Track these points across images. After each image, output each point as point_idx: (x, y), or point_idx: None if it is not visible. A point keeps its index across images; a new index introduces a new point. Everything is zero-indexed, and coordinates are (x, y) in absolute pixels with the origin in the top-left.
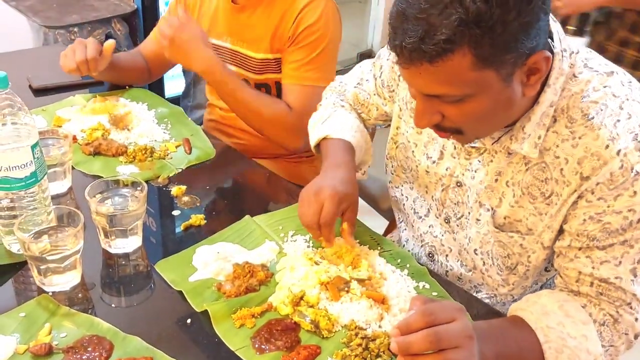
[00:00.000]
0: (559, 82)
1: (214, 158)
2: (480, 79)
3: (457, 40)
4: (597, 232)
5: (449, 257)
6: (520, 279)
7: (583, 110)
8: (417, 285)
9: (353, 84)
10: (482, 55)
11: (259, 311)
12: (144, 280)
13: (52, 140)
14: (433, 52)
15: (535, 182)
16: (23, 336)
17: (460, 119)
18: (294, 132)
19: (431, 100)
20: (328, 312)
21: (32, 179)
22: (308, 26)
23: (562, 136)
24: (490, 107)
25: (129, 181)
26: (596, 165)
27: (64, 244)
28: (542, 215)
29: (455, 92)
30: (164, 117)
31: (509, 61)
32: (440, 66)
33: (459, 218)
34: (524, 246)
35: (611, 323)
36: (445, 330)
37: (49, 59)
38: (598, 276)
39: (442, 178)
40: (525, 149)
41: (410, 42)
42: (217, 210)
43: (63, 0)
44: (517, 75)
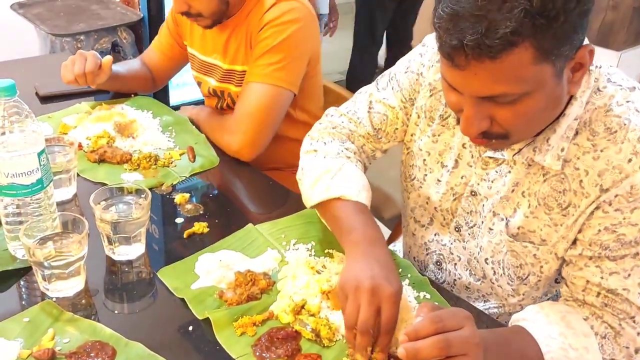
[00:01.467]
0: (585, 95)
1: (217, 166)
2: (538, 74)
3: (523, 31)
4: (610, 242)
5: (457, 265)
6: (531, 289)
7: (606, 124)
8: (418, 295)
9: (365, 109)
10: (543, 47)
11: (260, 319)
12: (146, 287)
13: (58, 148)
14: (498, 46)
15: (553, 193)
16: (27, 341)
17: (511, 121)
18: (243, 150)
19: (483, 104)
20: (329, 321)
21: (38, 186)
22: (269, 21)
23: (583, 148)
24: (543, 106)
25: (134, 189)
26: (617, 178)
27: (69, 250)
28: (557, 227)
29: (514, 90)
30: (169, 125)
31: (564, 54)
32: (502, 62)
33: (471, 227)
34: (538, 256)
35: (612, 336)
36: (454, 337)
37: (56, 67)
38: (606, 286)
39: (455, 187)
40: (548, 161)
41: (472, 39)
42: (220, 218)
43: (70, 9)
44: (566, 72)
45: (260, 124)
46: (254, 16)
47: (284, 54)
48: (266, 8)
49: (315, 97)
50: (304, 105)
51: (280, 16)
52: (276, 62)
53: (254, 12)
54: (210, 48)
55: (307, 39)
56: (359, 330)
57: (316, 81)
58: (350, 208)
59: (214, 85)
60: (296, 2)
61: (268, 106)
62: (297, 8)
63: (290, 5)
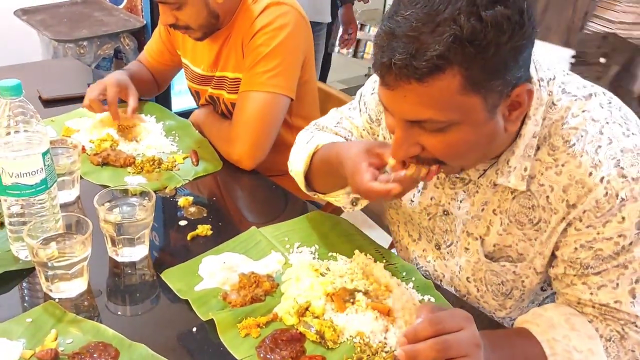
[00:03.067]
0: (539, 112)
1: (220, 170)
2: (466, 105)
3: (450, 57)
4: (589, 260)
5: (443, 282)
6: (516, 302)
7: (564, 137)
8: (423, 299)
9: (332, 124)
10: (472, 77)
11: (264, 321)
12: (150, 288)
13: (62, 150)
14: (424, 68)
15: (523, 210)
16: (29, 341)
17: (440, 151)
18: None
19: (412, 129)
20: (333, 323)
21: (42, 186)
22: (260, 28)
23: (545, 164)
24: (473, 139)
25: (138, 191)
26: (581, 193)
27: (72, 251)
28: (531, 241)
29: (440, 117)
30: (172, 129)
31: (496, 89)
32: (429, 86)
33: (449, 246)
34: (517, 273)
35: (618, 339)
36: (454, 338)
37: (59, 72)
38: (597, 301)
39: (428, 207)
40: (513, 182)
41: (400, 59)
42: (224, 221)
43: (73, 16)
44: (501, 109)
45: (258, 133)
46: (244, 23)
47: (279, 60)
48: (256, 14)
49: (311, 101)
50: (300, 111)
51: (272, 22)
52: (271, 69)
53: (243, 18)
54: (199, 59)
55: (300, 42)
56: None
57: (310, 86)
58: (330, 145)
59: (209, 92)
60: (286, 6)
61: (266, 114)
62: (288, 12)
63: (280, 10)
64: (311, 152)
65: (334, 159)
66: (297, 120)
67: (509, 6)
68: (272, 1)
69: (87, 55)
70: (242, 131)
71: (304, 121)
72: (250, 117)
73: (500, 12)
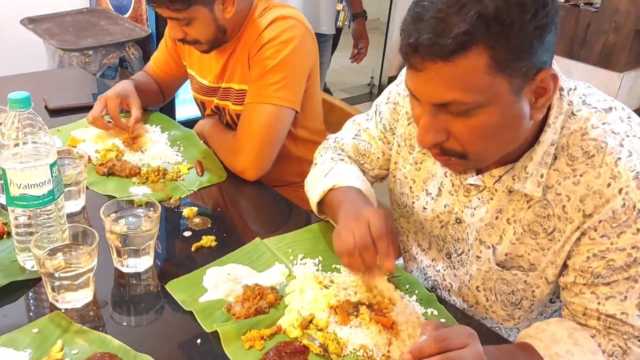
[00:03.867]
0: (558, 120)
1: (225, 181)
2: (492, 85)
3: (476, 34)
4: (601, 269)
5: (451, 292)
6: (525, 312)
7: (583, 148)
8: (426, 312)
9: (350, 136)
10: (497, 56)
11: (268, 333)
12: (154, 299)
13: (68, 160)
14: (450, 46)
15: (538, 219)
16: (35, 352)
17: (466, 137)
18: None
19: (438, 115)
20: (337, 336)
21: (50, 197)
22: (266, 42)
23: (563, 174)
24: (499, 123)
25: (143, 201)
26: (598, 204)
27: (78, 262)
28: (544, 251)
29: (466, 98)
30: (177, 139)
31: (521, 70)
32: (455, 65)
33: (460, 254)
34: (528, 282)
35: (620, 354)
36: (458, 355)
37: (64, 81)
38: (604, 312)
39: (441, 215)
40: (529, 188)
41: (427, 38)
42: (228, 232)
43: (79, 25)
44: (527, 93)
45: (262, 145)
46: (251, 35)
47: (285, 73)
48: (263, 27)
49: (315, 113)
50: (304, 122)
51: (279, 35)
52: (277, 82)
53: (250, 31)
54: (206, 70)
55: (305, 55)
56: (360, 248)
57: (315, 98)
58: (343, 191)
59: (215, 103)
60: (292, 20)
61: (270, 126)
62: (294, 26)
63: (287, 24)
64: (327, 190)
65: (336, 208)
66: (301, 132)
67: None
68: (279, 15)
69: (93, 64)
70: (246, 142)
71: (308, 132)
72: (255, 129)
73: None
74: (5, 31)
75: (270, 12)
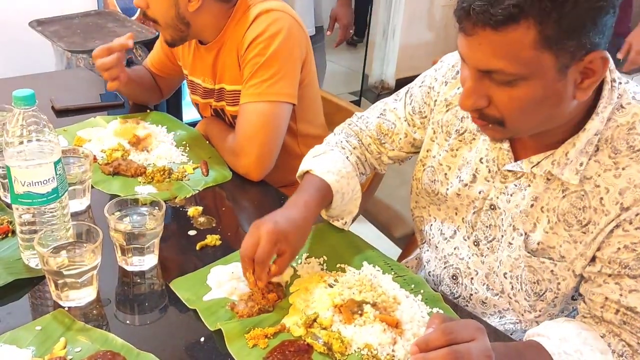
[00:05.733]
0: (606, 110)
1: (230, 180)
2: (538, 60)
3: (526, 8)
4: (630, 261)
5: (474, 280)
6: (547, 305)
7: (629, 142)
8: (431, 311)
9: (376, 114)
10: (546, 33)
11: (272, 332)
12: (158, 298)
13: (73, 159)
14: (500, 16)
15: (573, 210)
16: (38, 349)
17: (506, 106)
18: (250, 172)
19: (482, 81)
20: (341, 335)
21: (54, 195)
22: (252, 40)
23: (604, 166)
24: (540, 97)
25: (148, 200)
26: (638, 197)
27: (82, 260)
28: (576, 243)
29: (511, 69)
30: (183, 139)
31: (569, 49)
32: (503, 35)
33: (490, 241)
34: (555, 272)
35: (630, 354)
36: (465, 349)
37: (71, 82)
38: (625, 304)
39: (475, 201)
40: (566, 175)
41: (479, 5)
42: (233, 231)
43: (87, 27)
44: (573, 72)
45: (263, 144)
46: (236, 34)
47: (276, 67)
48: (248, 24)
49: (314, 105)
50: (304, 116)
51: (264, 31)
52: (269, 77)
53: (234, 30)
54: (199, 70)
55: (295, 46)
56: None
57: (311, 89)
58: (309, 181)
59: (214, 105)
60: (277, 12)
61: (268, 124)
62: (279, 18)
63: (271, 17)
64: (304, 171)
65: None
66: (303, 126)
67: None
68: (262, 9)
69: None
70: (246, 144)
71: (310, 126)
72: (253, 130)
73: None
74: (14, 33)
75: (254, 9)
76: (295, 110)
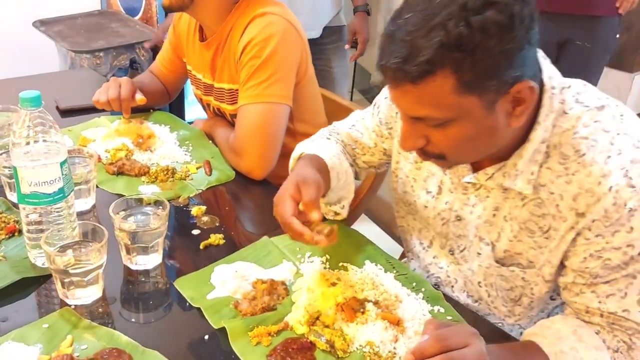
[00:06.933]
0: (549, 119)
1: (233, 180)
2: (462, 103)
3: (438, 62)
4: (598, 269)
5: (455, 288)
6: (525, 309)
7: (575, 147)
8: (432, 309)
9: (347, 126)
10: (464, 79)
11: (275, 330)
12: (163, 296)
13: (78, 159)
14: (415, 72)
15: (533, 218)
16: (46, 347)
17: (444, 144)
18: (252, 171)
19: (416, 124)
20: (343, 333)
21: (60, 195)
22: (247, 43)
23: (556, 172)
24: (473, 134)
25: (152, 200)
26: (590, 202)
27: (88, 259)
28: (542, 249)
29: (438, 115)
30: (186, 139)
31: (491, 88)
32: (423, 88)
33: (462, 251)
34: (526, 279)
35: (625, 350)
36: (460, 355)
37: (76, 82)
38: (606, 310)
39: (442, 212)
40: (519, 185)
41: (394, 62)
42: (236, 231)
43: (90, 27)
44: (501, 104)
45: (263, 144)
46: (234, 36)
47: (272, 70)
48: (243, 27)
49: (314, 107)
50: (302, 116)
51: (258, 34)
52: (265, 80)
53: (233, 30)
54: (199, 65)
55: (290, 49)
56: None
57: (308, 89)
58: (304, 158)
59: (214, 104)
60: (271, 16)
61: (268, 125)
62: (274, 21)
63: (265, 21)
64: (297, 157)
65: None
66: (301, 126)
67: (500, 10)
68: (258, 13)
69: (103, 65)
70: (247, 144)
71: (309, 126)
72: (253, 130)
73: (489, 17)
74: (18, 34)
75: (250, 10)
76: (293, 112)
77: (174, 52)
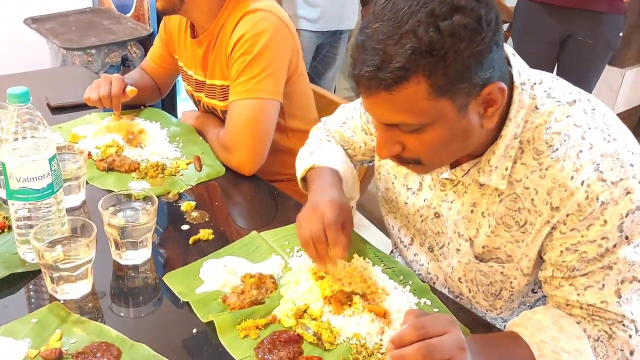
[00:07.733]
0: (519, 115)
1: (223, 176)
2: (436, 108)
3: (411, 68)
4: (575, 262)
5: (436, 284)
6: (506, 302)
7: (547, 142)
8: (419, 302)
9: (338, 123)
10: (437, 84)
11: (263, 323)
12: (152, 291)
13: (68, 155)
14: (389, 79)
15: (509, 212)
16: (34, 341)
17: (419, 149)
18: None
19: (391, 131)
20: (330, 325)
21: (49, 190)
22: (238, 39)
23: (530, 168)
24: (448, 137)
25: (141, 195)
26: (564, 196)
27: (77, 254)
28: (519, 243)
29: (412, 120)
30: (176, 135)
31: (463, 91)
32: (397, 94)
33: (441, 247)
34: (505, 274)
35: (606, 339)
36: (437, 342)
37: (67, 79)
38: (585, 302)
39: (421, 209)
40: (494, 181)
41: (368, 71)
42: (225, 226)
43: (82, 24)
44: (473, 106)
45: (254, 139)
46: (225, 32)
47: (262, 66)
48: (234, 24)
49: (305, 103)
50: (293, 112)
51: (249, 30)
52: (256, 75)
53: (224, 27)
54: (191, 61)
55: (280, 46)
56: (314, 239)
57: (299, 86)
58: (320, 171)
59: (205, 101)
60: (262, 12)
61: (258, 120)
62: (264, 18)
63: (256, 17)
64: (307, 169)
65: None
66: (292, 122)
67: (466, 14)
68: (248, 9)
69: (95, 62)
70: (237, 140)
71: (300, 121)
72: (243, 126)
73: (457, 21)
74: (9, 30)
75: (241, 7)
76: (284, 108)
77: (165, 49)
